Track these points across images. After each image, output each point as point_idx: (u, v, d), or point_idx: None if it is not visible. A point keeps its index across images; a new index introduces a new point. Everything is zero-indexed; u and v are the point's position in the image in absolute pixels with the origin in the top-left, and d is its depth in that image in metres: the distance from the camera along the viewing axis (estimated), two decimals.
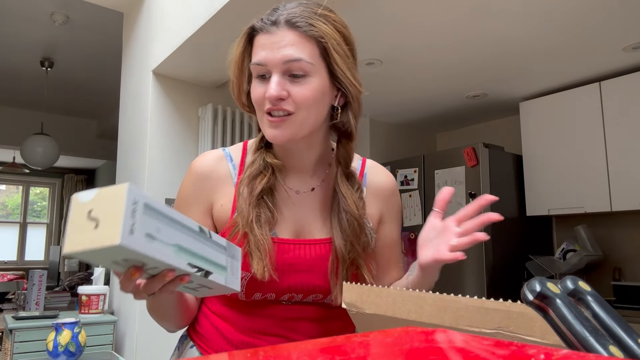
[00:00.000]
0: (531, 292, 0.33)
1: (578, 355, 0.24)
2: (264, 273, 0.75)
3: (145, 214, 0.53)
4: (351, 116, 0.82)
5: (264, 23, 0.77)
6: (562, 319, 0.31)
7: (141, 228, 0.52)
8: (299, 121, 0.76)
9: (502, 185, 3.23)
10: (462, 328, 0.41)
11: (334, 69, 0.77)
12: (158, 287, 0.59)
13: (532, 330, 0.37)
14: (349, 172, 0.86)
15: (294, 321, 0.81)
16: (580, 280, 0.34)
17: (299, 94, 0.75)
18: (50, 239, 7.47)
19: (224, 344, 0.83)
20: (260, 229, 0.77)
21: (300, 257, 0.80)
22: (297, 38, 0.75)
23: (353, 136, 0.85)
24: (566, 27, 2.41)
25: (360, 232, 0.81)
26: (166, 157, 2.80)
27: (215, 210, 0.85)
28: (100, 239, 0.49)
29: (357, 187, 0.85)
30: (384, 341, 0.31)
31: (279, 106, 0.75)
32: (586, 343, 0.30)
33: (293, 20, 0.76)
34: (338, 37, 0.78)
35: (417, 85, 3.25)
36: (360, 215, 0.82)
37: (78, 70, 4.48)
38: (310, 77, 0.76)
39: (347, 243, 0.79)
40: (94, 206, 0.51)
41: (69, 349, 2.05)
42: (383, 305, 0.49)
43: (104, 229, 0.49)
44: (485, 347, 0.26)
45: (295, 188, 0.85)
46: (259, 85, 0.78)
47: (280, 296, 0.80)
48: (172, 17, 2.53)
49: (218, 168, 0.86)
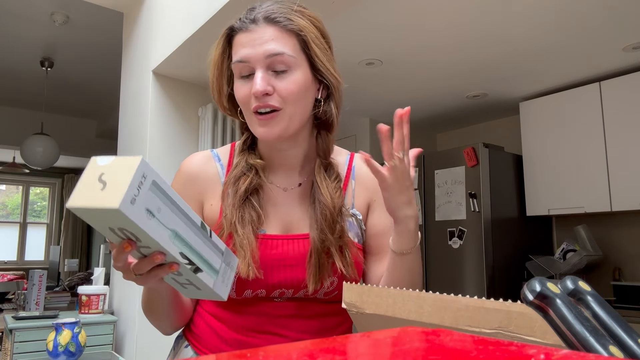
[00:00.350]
0: (531, 292, 0.33)
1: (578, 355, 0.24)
2: (247, 271, 0.75)
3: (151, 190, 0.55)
4: (333, 107, 0.84)
5: (242, 22, 0.78)
6: (562, 319, 0.31)
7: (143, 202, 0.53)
8: (288, 116, 0.77)
9: (502, 185, 3.23)
10: (462, 328, 0.41)
11: (315, 61, 0.79)
12: (147, 268, 0.60)
13: (532, 330, 0.37)
14: (328, 162, 0.87)
15: (287, 318, 0.81)
16: (580, 280, 0.34)
17: (284, 88, 0.76)
18: (50, 239, 7.47)
19: (219, 342, 0.83)
20: (243, 228, 0.78)
21: (288, 252, 0.81)
22: (277, 32, 0.77)
23: (334, 127, 0.86)
24: (566, 27, 2.41)
25: (334, 222, 0.80)
26: (166, 157, 2.80)
27: (205, 210, 0.86)
28: (102, 201, 0.51)
29: (335, 177, 0.85)
30: (384, 341, 0.31)
31: (265, 102, 0.76)
32: (586, 343, 0.30)
33: (272, 16, 0.77)
34: (315, 30, 0.80)
35: (417, 85, 3.25)
36: (335, 205, 0.81)
37: (78, 70, 4.48)
38: (294, 70, 0.77)
39: (320, 233, 0.79)
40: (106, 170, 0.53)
41: (69, 349, 2.05)
42: (383, 305, 0.49)
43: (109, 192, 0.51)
44: (485, 347, 0.26)
45: (283, 185, 0.86)
46: (243, 85, 0.78)
47: (271, 292, 0.80)
48: (172, 17, 2.53)
49: (206, 168, 0.88)
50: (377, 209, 0.90)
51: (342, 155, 0.92)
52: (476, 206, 3.05)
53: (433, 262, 3.28)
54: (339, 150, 0.93)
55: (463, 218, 3.10)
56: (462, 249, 3.10)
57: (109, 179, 0.52)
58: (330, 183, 0.84)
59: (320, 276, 0.78)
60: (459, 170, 3.19)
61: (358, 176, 0.90)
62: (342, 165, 0.90)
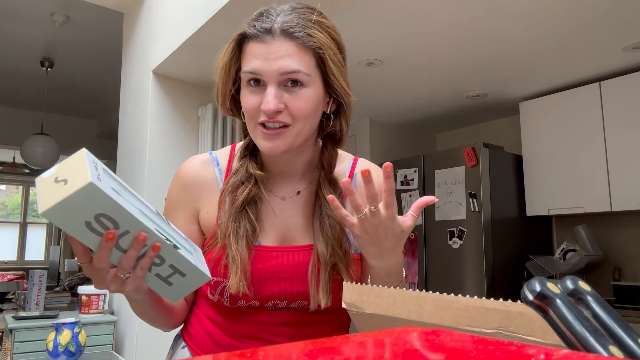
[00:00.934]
0: (531, 292, 0.33)
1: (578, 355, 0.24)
2: (238, 287, 0.74)
3: (105, 173, 0.56)
4: (343, 122, 0.83)
5: (257, 31, 0.74)
6: (562, 319, 0.31)
7: (105, 181, 0.54)
8: (295, 133, 0.75)
9: (502, 185, 3.23)
10: (462, 328, 0.41)
11: (329, 78, 0.76)
12: (132, 261, 0.60)
13: (532, 330, 0.37)
14: (332, 177, 0.85)
15: (280, 326, 0.81)
16: (580, 280, 0.34)
17: (296, 106, 0.73)
18: (50, 239, 7.47)
19: (213, 345, 0.83)
20: (237, 243, 0.76)
21: (283, 264, 0.79)
22: (294, 49, 0.73)
23: (342, 142, 0.85)
24: (566, 27, 2.41)
25: (342, 236, 0.80)
26: (166, 157, 2.80)
27: (201, 216, 0.85)
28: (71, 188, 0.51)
29: (340, 193, 0.83)
30: (384, 341, 0.31)
31: (275, 119, 0.73)
32: (586, 343, 0.30)
33: (290, 30, 0.73)
34: (333, 45, 0.77)
35: (417, 85, 3.25)
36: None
37: (78, 70, 4.48)
38: (307, 87, 0.74)
39: (328, 247, 0.78)
40: (58, 174, 0.53)
41: (69, 349, 2.05)
42: (383, 305, 0.49)
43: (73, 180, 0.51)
44: (485, 347, 0.26)
45: (281, 194, 0.85)
46: (251, 94, 0.75)
47: (264, 303, 0.80)
48: (172, 17, 2.53)
49: (203, 173, 0.85)
50: None
51: (345, 161, 0.90)
52: (476, 206, 3.05)
53: (433, 262, 3.28)
54: (343, 155, 0.91)
55: (463, 218, 3.10)
56: (462, 249, 3.10)
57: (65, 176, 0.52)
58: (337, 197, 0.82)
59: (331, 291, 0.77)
60: (459, 170, 3.19)
61: (359, 185, 0.88)
62: (344, 172, 0.89)
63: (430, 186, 3.37)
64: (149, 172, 2.73)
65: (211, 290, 0.80)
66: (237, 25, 0.82)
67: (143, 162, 2.77)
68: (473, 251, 3.04)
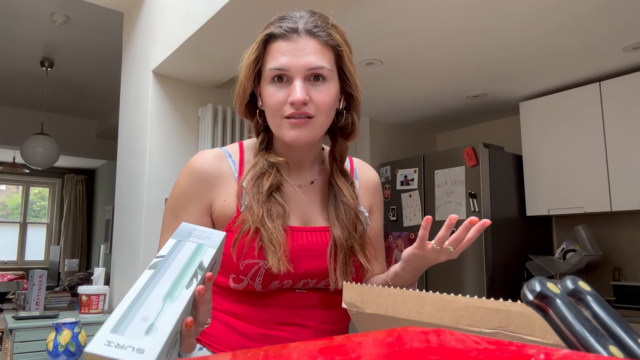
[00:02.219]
0: (531, 292, 0.33)
1: (578, 355, 0.24)
2: (279, 266, 0.78)
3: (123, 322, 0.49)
4: (355, 116, 0.90)
5: (284, 30, 0.81)
6: (562, 319, 0.31)
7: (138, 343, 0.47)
8: (319, 124, 0.82)
9: (502, 185, 3.23)
10: (462, 328, 0.41)
11: (345, 75, 0.85)
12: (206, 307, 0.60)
13: (532, 330, 0.37)
14: (344, 168, 0.93)
15: (309, 308, 0.84)
16: (580, 280, 0.34)
17: (320, 99, 0.81)
18: (50, 239, 7.47)
19: (240, 339, 0.83)
20: (272, 222, 0.81)
21: (312, 242, 0.85)
22: (318, 46, 0.81)
23: (354, 135, 0.92)
24: (566, 27, 2.41)
25: (357, 221, 0.87)
26: (166, 157, 2.80)
27: (216, 206, 0.86)
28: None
29: (351, 182, 0.93)
30: (384, 341, 0.31)
31: (302, 110, 0.80)
32: (586, 343, 0.30)
33: (314, 30, 0.81)
34: (347, 46, 0.86)
35: (417, 85, 3.25)
36: (356, 206, 0.89)
37: (78, 70, 4.48)
38: (328, 82, 0.82)
39: (344, 231, 0.85)
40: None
41: (69, 349, 2.05)
42: (383, 305, 0.49)
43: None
44: (485, 347, 0.26)
45: (297, 183, 0.90)
46: (277, 91, 0.81)
47: (297, 283, 0.83)
48: (172, 17, 2.53)
49: (219, 165, 0.88)
50: (375, 212, 0.99)
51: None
52: (476, 206, 3.05)
53: None
54: None
55: (463, 218, 3.10)
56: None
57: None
58: (349, 187, 0.91)
59: (347, 272, 0.84)
60: (459, 170, 3.19)
61: (361, 178, 0.98)
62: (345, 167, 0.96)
63: (430, 186, 3.37)
64: (149, 172, 2.73)
65: (240, 276, 0.80)
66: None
67: (143, 162, 2.77)
68: (473, 251, 3.04)
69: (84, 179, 7.65)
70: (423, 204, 3.39)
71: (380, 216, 1.01)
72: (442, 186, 3.29)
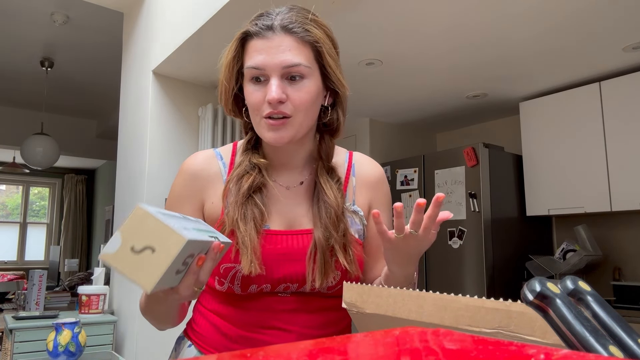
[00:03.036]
0: (531, 292, 0.33)
1: (578, 355, 0.24)
2: (250, 268, 0.77)
3: (173, 217, 0.58)
4: (340, 114, 0.88)
5: (259, 28, 0.79)
6: (562, 319, 0.31)
7: (179, 225, 0.54)
8: (298, 123, 0.80)
9: (502, 185, 3.23)
10: (462, 328, 0.41)
11: (327, 71, 0.82)
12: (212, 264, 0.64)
13: (532, 330, 0.37)
14: (330, 166, 0.90)
15: (291, 313, 0.82)
16: (580, 280, 0.34)
17: (297, 97, 0.78)
18: (50, 239, 7.47)
19: (223, 340, 0.83)
20: (245, 225, 0.80)
21: (291, 247, 0.82)
22: (294, 43, 0.78)
23: (339, 133, 0.90)
24: (566, 27, 2.41)
25: (338, 221, 0.83)
26: (166, 157, 2.80)
27: (206, 207, 0.88)
28: (169, 252, 0.50)
29: (337, 180, 0.88)
30: (384, 341, 0.31)
31: (279, 110, 0.78)
32: (586, 343, 0.30)
33: (290, 25, 0.79)
34: (329, 41, 0.82)
35: (417, 85, 3.25)
36: (338, 205, 0.85)
37: (78, 70, 4.48)
38: (307, 79, 0.79)
39: (325, 231, 0.82)
40: (132, 243, 0.51)
41: (69, 349, 2.05)
42: (383, 305, 0.49)
43: (162, 244, 0.50)
44: (485, 347, 0.26)
45: (286, 184, 0.89)
46: (256, 90, 0.80)
47: (276, 287, 0.81)
48: (172, 17, 2.53)
49: (209, 167, 0.89)
50: (376, 207, 0.93)
51: (342, 154, 0.95)
52: (476, 206, 3.05)
53: (433, 262, 3.28)
54: (338, 149, 0.95)
55: (463, 218, 3.10)
56: (462, 249, 3.10)
57: (145, 242, 0.51)
58: (334, 185, 0.87)
59: (325, 273, 0.80)
60: (459, 170, 3.19)
61: (358, 174, 0.93)
62: (342, 164, 0.93)
63: (430, 186, 3.37)
64: (149, 172, 2.73)
65: (221, 279, 0.81)
66: (237, 26, 0.84)
67: (143, 162, 2.77)
68: (473, 251, 3.04)
69: (84, 179, 7.65)
70: None
71: (385, 213, 0.94)
72: (442, 186, 3.29)
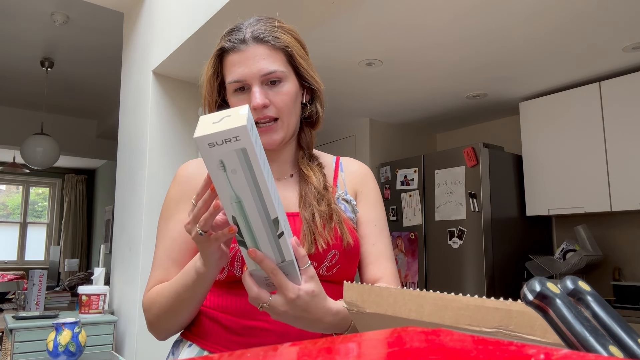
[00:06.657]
0: (531, 292, 0.33)
1: (578, 355, 0.24)
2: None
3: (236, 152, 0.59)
4: (319, 107, 0.95)
5: (233, 43, 0.85)
6: (562, 319, 0.31)
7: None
8: (286, 124, 0.87)
9: (502, 185, 3.23)
10: (463, 327, 0.41)
11: (300, 71, 0.89)
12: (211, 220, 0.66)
13: (532, 329, 0.37)
14: (311, 154, 0.97)
15: None
16: (580, 280, 0.34)
17: (279, 100, 0.85)
18: (51, 239, 7.48)
19: (225, 333, 0.84)
20: None
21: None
22: (267, 51, 0.85)
23: (319, 124, 0.97)
24: (566, 27, 2.41)
25: (320, 196, 0.88)
26: (166, 157, 2.80)
27: None
28: (229, 123, 0.57)
29: (317, 164, 0.95)
30: (384, 341, 0.31)
31: (265, 114, 0.84)
32: (586, 343, 0.30)
33: (261, 35, 0.85)
34: (297, 44, 0.89)
35: (417, 85, 3.25)
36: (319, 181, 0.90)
37: (78, 70, 4.48)
38: (285, 82, 0.86)
39: (308, 206, 0.87)
40: (221, 116, 0.60)
41: (69, 349, 2.05)
42: (384, 305, 0.49)
43: (232, 119, 0.58)
44: (485, 347, 0.26)
45: (276, 176, 0.94)
46: (240, 99, 0.86)
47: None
48: (172, 17, 2.53)
49: (202, 170, 0.93)
50: (362, 200, 0.97)
51: (329, 157, 1.02)
52: (476, 206, 3.05)
53: (433, 262, 3.28)
54: (325, 154, 1.02)
55: (463, 218, 3.10)
56: (462, 249, 3.10)
57: (226, 116, 0.59)
58: (315, 167, 0.94)
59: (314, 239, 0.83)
60: (459, 170, 3.19)
61: (346, 170, 1.00)
62: (330, 164, 0.99)
63: (430, 186, 3.37)
64: (149, 172, 2.73)
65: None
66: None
67: (143, 162, 2.77)
68: (473, 251, 3.04)
69: (84, 179, 7.65)
70: (423, 204, 3.39)
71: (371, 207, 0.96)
72: (442, 186, 3.29)
